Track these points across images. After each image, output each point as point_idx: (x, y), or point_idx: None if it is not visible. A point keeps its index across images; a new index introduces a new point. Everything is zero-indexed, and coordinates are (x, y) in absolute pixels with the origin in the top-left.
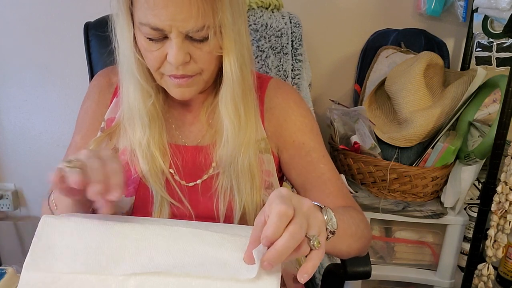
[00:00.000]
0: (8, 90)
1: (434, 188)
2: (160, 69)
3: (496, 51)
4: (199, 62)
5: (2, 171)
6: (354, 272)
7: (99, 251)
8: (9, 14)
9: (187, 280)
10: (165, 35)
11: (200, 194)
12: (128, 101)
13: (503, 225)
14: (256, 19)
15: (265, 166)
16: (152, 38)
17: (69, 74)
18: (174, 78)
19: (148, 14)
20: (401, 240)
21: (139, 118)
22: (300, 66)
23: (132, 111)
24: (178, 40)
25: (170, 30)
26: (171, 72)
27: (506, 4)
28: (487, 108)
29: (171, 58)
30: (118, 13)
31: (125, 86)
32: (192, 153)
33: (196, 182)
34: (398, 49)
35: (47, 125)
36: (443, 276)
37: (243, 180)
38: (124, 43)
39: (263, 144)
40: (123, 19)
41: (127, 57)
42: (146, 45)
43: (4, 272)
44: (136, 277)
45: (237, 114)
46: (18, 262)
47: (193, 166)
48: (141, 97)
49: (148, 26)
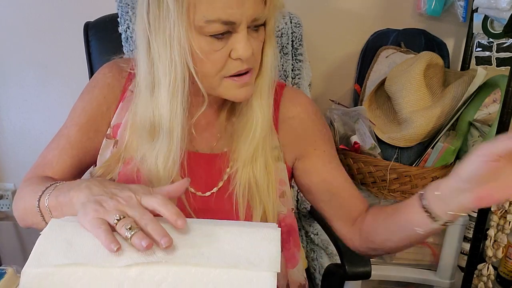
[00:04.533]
0: (8, 90)
1: None
2: (221, 72)
3: (496, 51)
4: (255, 54)
5: (2, 171)
6: (354, 272)
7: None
8: (9, 14)
9: (187, 268)
10: (231, 29)
11: (214, 202)
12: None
13: (503, 225)
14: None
15: (279, 174)
16: (218, 35)
17: (69, 73)
18: (238, 78)
19: (215, 8)
20: None
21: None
22: (300, 66)
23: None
24: (245, 31)
25: (241, 20)
26: (236, 69)
27: (506, 4)
28: (487, 108)
29: (241, 51)
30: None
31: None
32: (206, 161)
33: (212, 191)
34: (398, 49)
35: (47, 125)
36: (443, 276)
37: (261, 181)
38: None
39: (276, 152)
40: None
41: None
42: (209, 46)
43: (4, 272)
44: (137, 267)
45: (268, 105)
46: (18, 262)
47: (208, 175)
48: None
49: (219, 21)
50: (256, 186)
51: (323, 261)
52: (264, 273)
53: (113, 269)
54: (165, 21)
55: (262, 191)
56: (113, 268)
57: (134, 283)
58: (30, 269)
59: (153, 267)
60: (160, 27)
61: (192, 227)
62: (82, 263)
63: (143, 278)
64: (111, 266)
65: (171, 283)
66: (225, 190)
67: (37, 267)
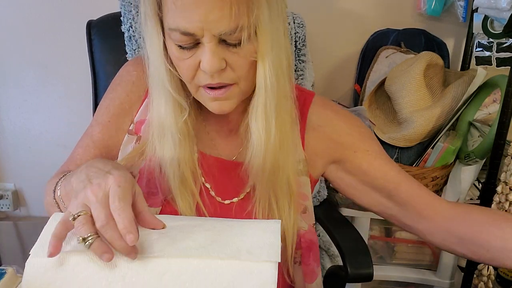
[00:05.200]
0: (8, 90)
1: (434, 188)
2: (194, 80)
3: (496, 51)
4: (236, 69)
5: (2, 171)
6: (356, 274)
7: None
8: (9, 14)
9: (189, 260)
10: (197, 40)
11: (234, 213)
12: (158, 116)
13: None
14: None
15: (302, 189)
16: (183, 45)
17: (70, 73)
18: (210, 91)
19: (177, 17)
20: (401, 240)
21: (170, 135)
22: (303, 67)
23: (162, 127)
24: (211, 44)
25: (202, 33)
26: (206, 81)
27: (506, 4)
28: (487, 108)
29: (205, 64)
30: (146, 19)
31: (156, 99)
32: (228, 168)
33: (232, 200)
34: (398, 49)
35: (47, 125)
36: (443, 276)
37: (282, 199)
38: (153, 52)
39: (301, 165)
40: (151, 27)
41: (158, 68)
42: (177, 53)
43: (4, 272)
44: (140, 257)
45: (268, 128)
46: (18, 262)
47: (230, 183)
48: (173, 112)
49: (178, 31)
50: (276, 205)
51: (325, 263)
52: (265, 263)
53: (117, 261)
54: (147, 24)
55: (282, 211)
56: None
57: (137, 274)
58: (35, 259)
59: (155, 259)
60: (146, 30)
61: (193, 223)
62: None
63: (146, 269)
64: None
65: (173, 274)
66: (246, 203)
67: (42, 257)
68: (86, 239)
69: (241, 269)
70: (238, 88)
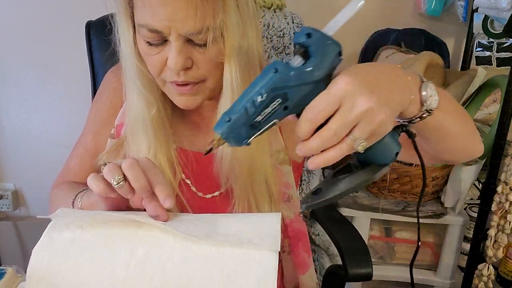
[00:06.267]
0: (8, 90)
1: (434, 188)
2: (161, 75)
3: (496, 51)
4: (202, 68)
5: (2, 171)
6: (356, 274)
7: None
8: (9, 14)
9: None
10: (165, 38)
11: (218, 207)
12: (132, 111)
13: (503, 225)
14: (258, 19)
15: (284, 178)
16: (151, 41)
17: (70, 74)
18: (176, 86)
19: (146, 14)
20: (401, 240)
21: (143, 128)
22: None
23: (136, 120)
24: (177, 43)
25: (168, 32)
26: (172, 78)
27: (506, 4)
28: (487, 108)
29: (171, 62)
30: (118, 15)
31: (129, 93)
32: (207, 163)
33: (214, 194)
34: (398, 49)
35: (47, 125)
36: (443, 276)
37: (261, 193)
38: (125, 47)
39: (281, 155)
40: (122, 21)
41: (128, 63)
42: (145, 49)
43: (4, 272)
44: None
45: None
46: (18, 262)
47: (210, 176)
48: (144, 106)
49: (146, 27)
50: (256, 208)
51: (324, 262)
52: (266, 251)
53: (120, 252)
54: (119, 19)
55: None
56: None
57: (141, 262)
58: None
59: (159, 247)
60: (118, 25)
61: (193, 217)
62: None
63: (149, 257)
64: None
65: (176, 263)
66: (227, 202)
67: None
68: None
69: (243, 257)
70: (204, 86)
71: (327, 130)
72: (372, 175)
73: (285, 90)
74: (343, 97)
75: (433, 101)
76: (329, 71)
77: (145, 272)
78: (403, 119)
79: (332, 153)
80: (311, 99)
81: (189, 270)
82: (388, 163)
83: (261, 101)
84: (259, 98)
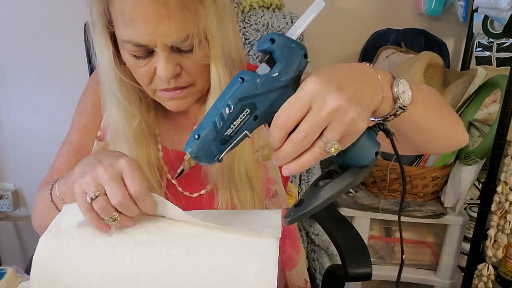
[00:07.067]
0: (8, 90)
1: (434, 188)
2: (151, 85)
3: (496, 51)
4: (190, 73)
5: (2, 171)
6: (355, 273)
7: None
8: (9, 14)
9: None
10: (151, 49)
11: (204, 205)
12: (112, 122)
13: (503, 225)
14: (257, 19)
15: (269, 173)
16: (137, 55)
17: (69, 74)
18: (167, 92)
19: (127, 31)
20: None
21: (124, 139)
22: None
23: (117, 131)
24: (164, 53)
25: (154, 44)
26: (162, 86)
27: (506, 4)
28: (487, 108)
29: (160, 72)
30: (94, 30)
31: (108, 106)
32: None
33: (201, 193)
34: (398, 49)
35: (47, 125)
36: (443, 276)
37: (243, 190)
38: (103, 62)
39: (266, 150)
40: (99, 34)
41: (107, 77)
42: (132, 62)
43: (4, 272)
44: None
45: None
46: (18, 262)
47: (196, 175)
48: (125, 118)
49: (131, 43)
50: (239, 203)
51: (323, 262)
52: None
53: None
54: (95, 34)
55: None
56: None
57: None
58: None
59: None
60: (94, 39)
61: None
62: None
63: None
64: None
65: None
66: (211, 195)
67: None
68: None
69: (245, 244)
70: (194, 88)
71: (297, 133)
72: (353, 178)
73: (253, 99)
74: (312, 99)
75: (406, 97)
76: (296, 75)
77: (149, 258)
78: (377, 118)
79: (306, 158)
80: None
81: (193, 257)
82: (368, 164)
83: (230, 113)
84: (227, 110)
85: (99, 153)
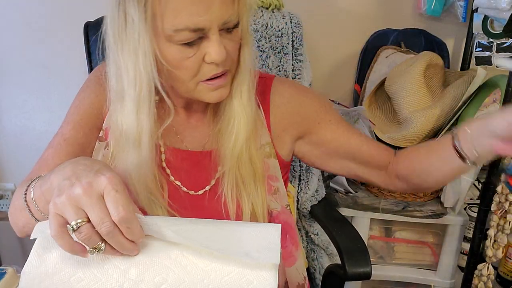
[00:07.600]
0: (9, 90)
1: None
2: (197, 76)
3: (496, 51)
4: (232, 54)
5: (2, 171)
6: (355, 273)
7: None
8: (9, 14)
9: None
10: (201, 35)
11: (207, 200)
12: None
13: (503, 225)
14: (256, 19)
15: (271, 171)
16: (190, 41)
17: (69, 74)
18: (212, 82)
19: (183, 16)
20: (401, 240)
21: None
22: (300, 66)
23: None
24: (217, 35)
25: (210, 26)
26: (211, 72)
27: (506, 4)
28: (487, 108)
29: (215, 56)
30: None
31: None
32: (196, 160)
33: (205, 189)
34: (398, 49)
35: (47, 125)
36: (443, 276)
37: (246, 173)
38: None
39: (267, 148)
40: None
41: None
42: (181, 53)
43: (4, 272)
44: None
45: (250, 105)
46: (18, 262)
47: (200, 173)
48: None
49: (188, 29)
50: (243, 185)
51: (323, 261)
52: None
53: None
54: (130, 33)
55: (249, 189)
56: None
57: (134, 284)
58: (30, 269)
59: (153, 268)
60: (125, 39)
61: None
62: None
63: (143, 279)
64: (112, 264)
65: (171, 284)
66: (217, 189)
67: (37, 267)
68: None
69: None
70: (230, 74)
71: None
72: None
73: None
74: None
75: None
76: None
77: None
78: None
79: None
80: None
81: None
82: None
83: None
84: None
85: (79, 161)
